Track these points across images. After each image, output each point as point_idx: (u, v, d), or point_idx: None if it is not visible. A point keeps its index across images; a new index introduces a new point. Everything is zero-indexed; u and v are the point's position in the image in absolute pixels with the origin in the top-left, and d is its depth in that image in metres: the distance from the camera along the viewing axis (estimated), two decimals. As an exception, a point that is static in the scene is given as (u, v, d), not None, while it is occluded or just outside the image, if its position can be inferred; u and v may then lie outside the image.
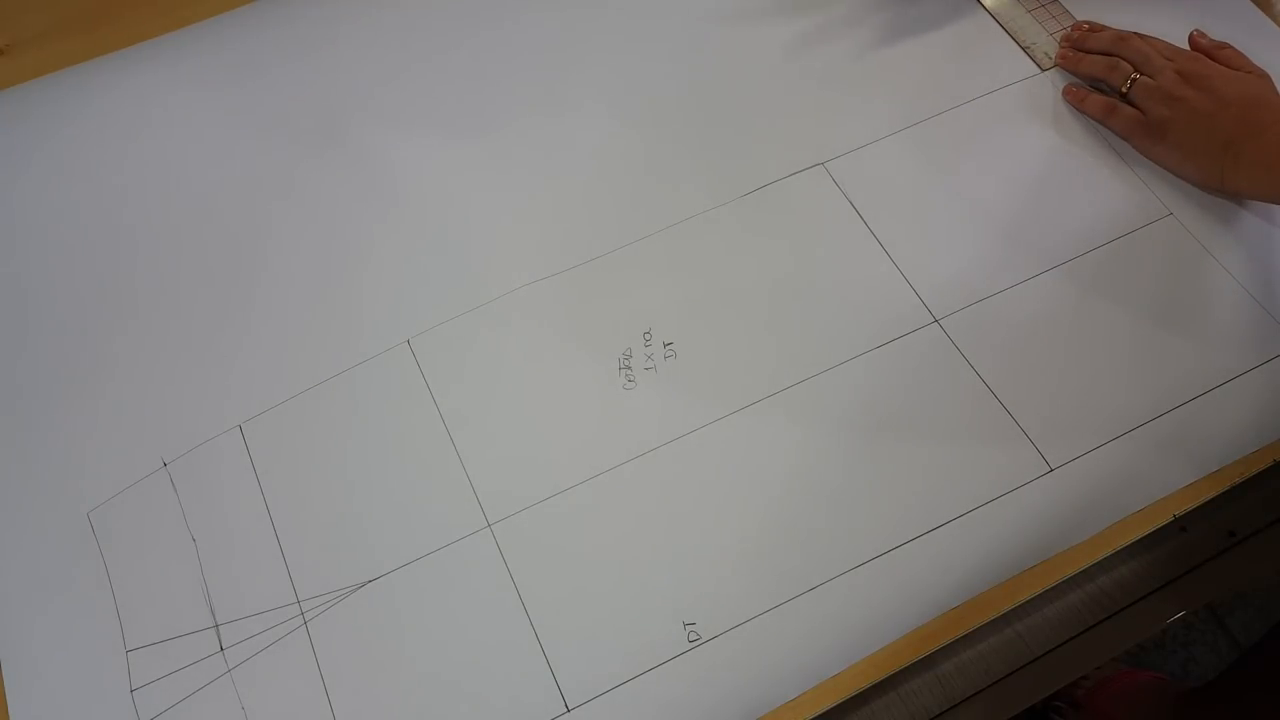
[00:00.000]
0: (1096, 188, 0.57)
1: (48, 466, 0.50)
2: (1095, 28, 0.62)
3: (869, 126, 0.59)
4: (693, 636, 0.46)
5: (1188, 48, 0.60)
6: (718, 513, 0.48)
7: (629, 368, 0.52)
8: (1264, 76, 0.56)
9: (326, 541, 0.48)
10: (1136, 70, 0.58)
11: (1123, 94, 0.58)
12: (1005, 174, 0.58)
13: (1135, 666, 0.93)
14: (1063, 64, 0.61)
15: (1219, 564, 0.50)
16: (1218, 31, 0.60)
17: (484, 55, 0.62)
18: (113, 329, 0.53)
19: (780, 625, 0.46)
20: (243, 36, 0.62)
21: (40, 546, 0.48)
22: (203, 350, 0.53)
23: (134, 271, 0.55)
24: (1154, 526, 0.49)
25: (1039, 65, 0.62)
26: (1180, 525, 0.50)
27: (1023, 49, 0.62)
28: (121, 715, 0.44)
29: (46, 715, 0.44)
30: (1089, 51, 0.61)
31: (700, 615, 0.46)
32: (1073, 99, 0.60)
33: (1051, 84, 0.61)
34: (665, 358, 0.52)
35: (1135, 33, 0.61)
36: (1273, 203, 0.54)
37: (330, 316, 0.54)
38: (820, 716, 0.45)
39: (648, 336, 0.53)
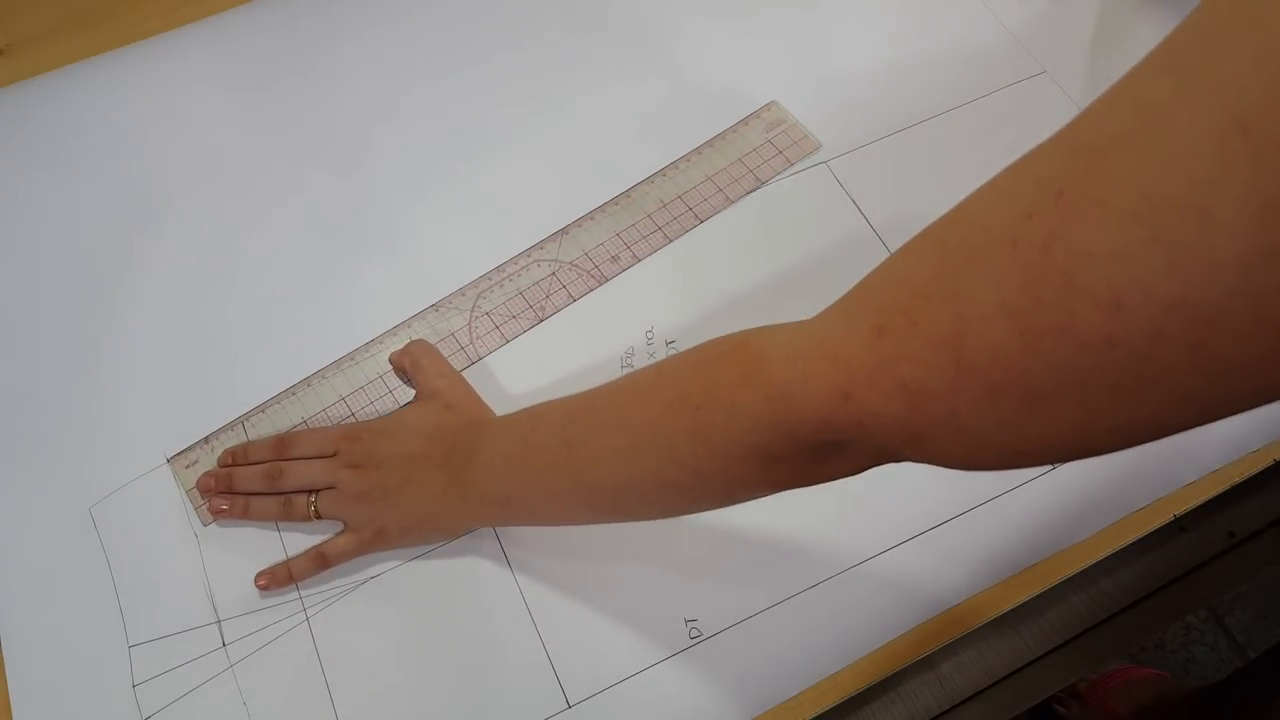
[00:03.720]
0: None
1: (50, 462, 0.50)
2: (239, 455, 0.49)
3: (871, 125, 0.60)
4: (694, 633, 0.46)
5: None
6: (720, 510, 0.48)
7: (631, 365, 0.52)
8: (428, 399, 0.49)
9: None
10: (308, 492, 0.47)
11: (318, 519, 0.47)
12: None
13: (1134, 665, 0.93)
14: (218, 513, 0.48)
15: (1219, 564, 0.50)
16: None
17: (486, 54, 0.62)
18: (114, 325, 0.53)
19: (781, 623, 0.46)
20: (243, 35, 0.62)
21: (42, 542, 0.48)
22: (204, 346, 0.53)
23: (135, 268, 0.55)
24: (1154, 526, 0.49)
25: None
26: (1180, 525, 0.50)
27: (1024, 49, 0.63)
28: (123, 711, 0.44)
29: (49, 711, 0.44)
30: (247, 493, 0.48)
31: (701, 612, 0.46)
32: (230, 513, 0.48)
33: (1053, 84, 0.61)
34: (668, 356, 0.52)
35: (275, 451, 0.48)
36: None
37: (329, 312, 0.54)
38: (820, 715, 0.45)
39: (650, 335, 0.53)
